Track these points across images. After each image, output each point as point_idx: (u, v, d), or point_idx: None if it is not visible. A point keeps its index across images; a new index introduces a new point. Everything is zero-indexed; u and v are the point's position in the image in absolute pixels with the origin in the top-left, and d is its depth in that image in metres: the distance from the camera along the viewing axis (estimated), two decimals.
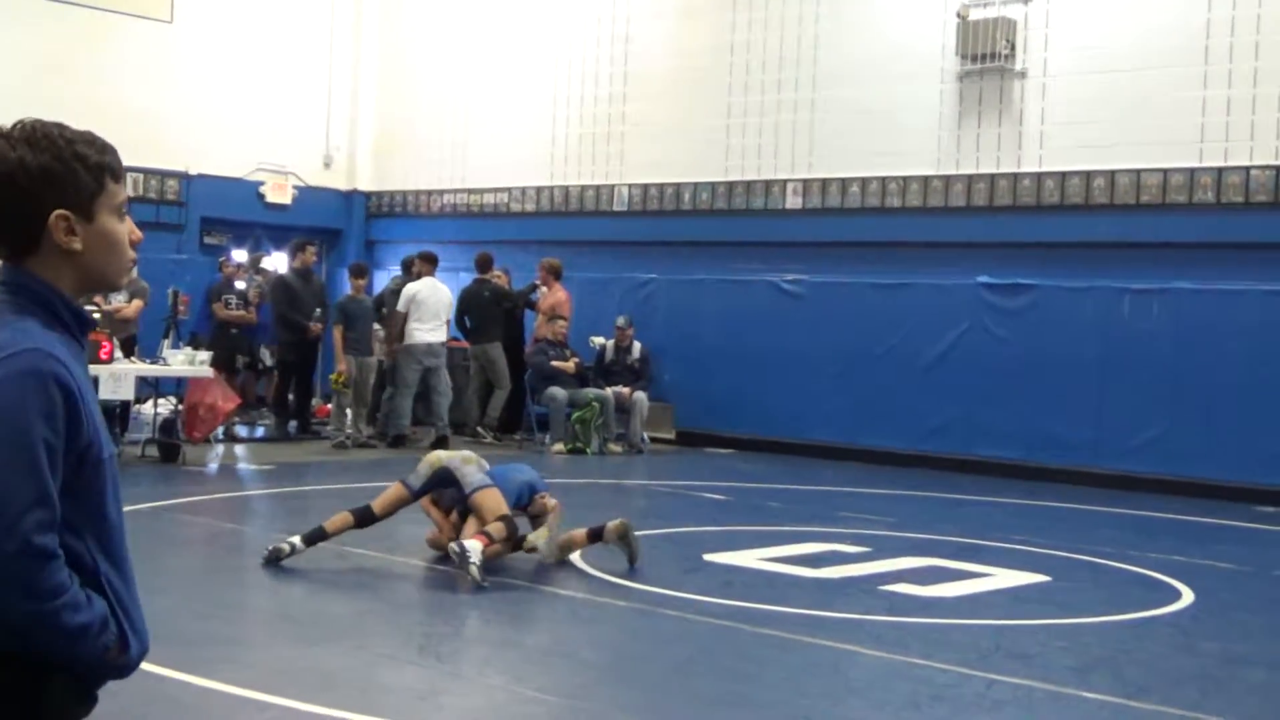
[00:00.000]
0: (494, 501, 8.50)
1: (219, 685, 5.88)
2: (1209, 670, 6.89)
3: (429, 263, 16.46)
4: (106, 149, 2.41)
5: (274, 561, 8.43)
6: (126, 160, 2.68)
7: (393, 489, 8.84)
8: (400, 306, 15.87)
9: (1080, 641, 7.30)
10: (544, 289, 16.88)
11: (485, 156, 19.32)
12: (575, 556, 8.85)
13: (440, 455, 8.93)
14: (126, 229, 2.46)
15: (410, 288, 16.06)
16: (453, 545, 8.22)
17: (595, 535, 8.75)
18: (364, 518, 8.71)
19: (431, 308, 15.94)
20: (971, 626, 7.56)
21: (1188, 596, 8.54)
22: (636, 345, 16.84)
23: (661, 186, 17.64)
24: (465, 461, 8.75)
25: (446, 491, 8.79)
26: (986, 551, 9.89)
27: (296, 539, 8.52)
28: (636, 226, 17.82)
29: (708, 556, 9.23)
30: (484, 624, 7.63)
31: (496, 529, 8.30)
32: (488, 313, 16.55)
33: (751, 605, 7.77)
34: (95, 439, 2.33)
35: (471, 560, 7.90)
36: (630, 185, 17.94)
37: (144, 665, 5.83)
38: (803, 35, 16.41)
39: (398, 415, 15.86)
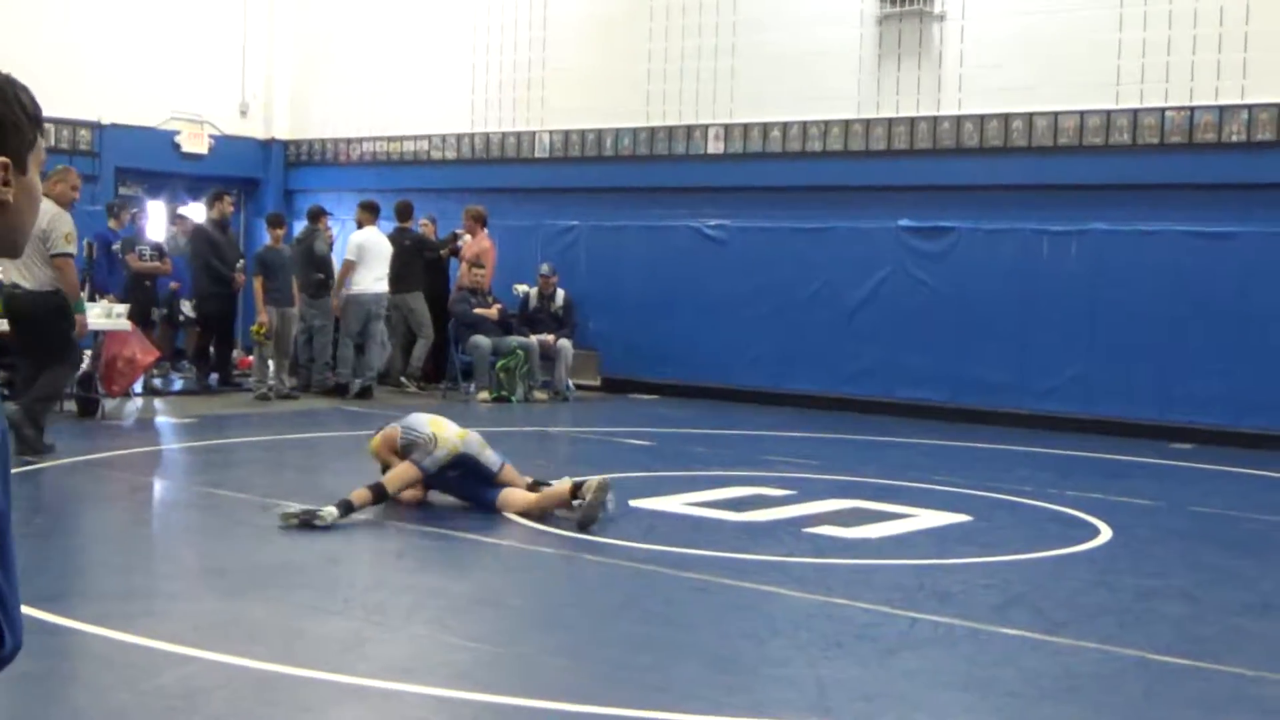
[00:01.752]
0: (515, 473, 8.85)
1: (141, 639, 5.82)
2: (1126, 604, 7.02)
3: (371, 211, 16.35)
4: (36, 102, 2.23)
5: (305, 525, 8.15)
6: None
7: (404, 468, 8.64)
8: (350, 255, 15.84)
9: (1001, 579, 7.41)
10: (467, 237, 16.77)
11: (405, 103, 19.13)
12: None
13: (456, 440, 8.71)
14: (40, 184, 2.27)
15: (356, 237, 16.02)
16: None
17: (576, 490, 8.60)
18: (380, 494, 8.57)
19: (377, 256, 15.90)
20: (894, 567, 7.65)
21: (1105, 533, 8.68)
22: (560, 293, 16.80)
23: (583, 132, 17.55)
24: (482, 446, 8.77)
25: (457, 474, 8.73)
26: (909, 493, 10.00)
27: (332, 509, 8.27)
28: (558, 173, 17.74)
29: (633, 502, 9.24)
30: (409, 573, 7.61)
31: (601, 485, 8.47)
32: (408, 261, 16.44)
33: (676, 550, 7.81)
34: None
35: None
36: (551, 132, 17.84)
37: (67, 620, 5.80)
38: None
39: (348, 365, 15.83)
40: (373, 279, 15.87)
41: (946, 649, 6.05)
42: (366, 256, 15.85)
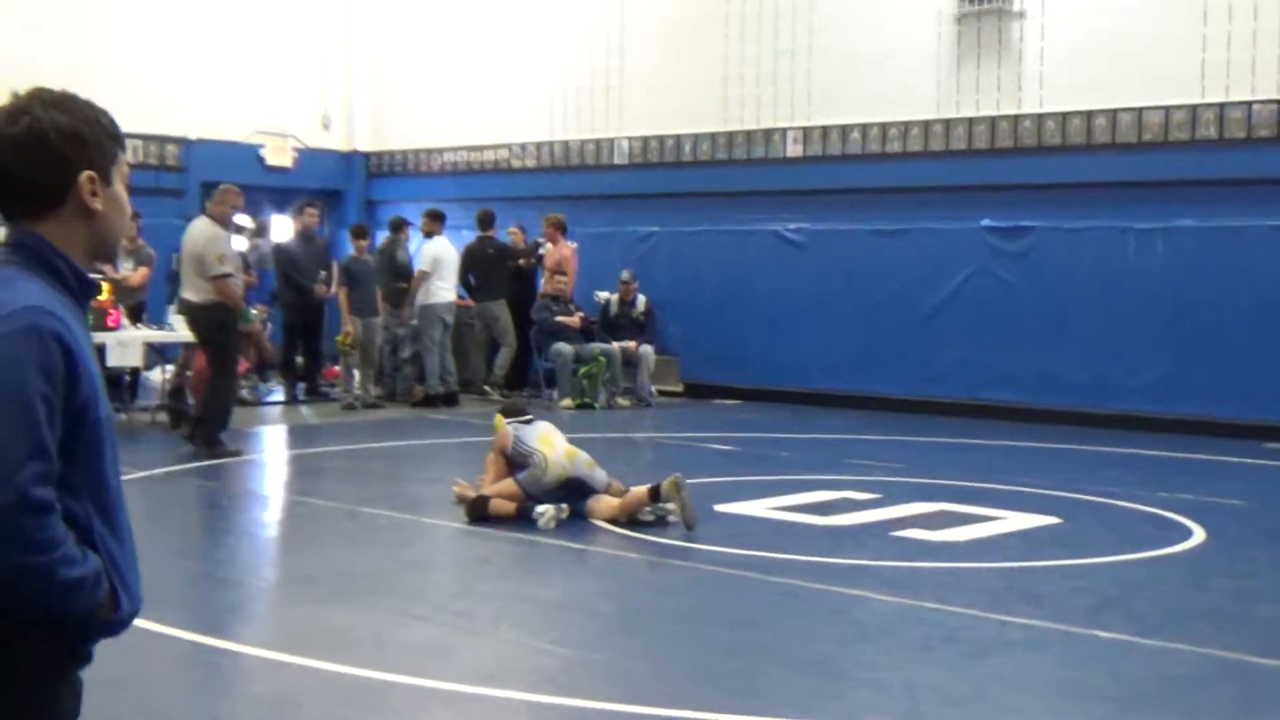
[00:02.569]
0: (619, 486, 8.85)
1: (235, 646, 5.90)
2: (1220, 606, 6.89)
3: (439, 220, 16.45)
4: (114, 121, 2.53)
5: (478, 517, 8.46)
6: (125, 126, 2.75)
7: (510, 489, 8.68)
8: (425, 266, 15.92)
9: (1091, 581, 7.30)
10: (549, 245, 16.81)
11: (484, 113, 19.21)
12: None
13: (565, 463, 8.71)
14: (127, 197, 2.57)
15: (431, 247, 16.09)
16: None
17: (654, 494, 8.62)
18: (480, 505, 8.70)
19: (449, 266, 16.04)
20: (982, 570, 7.56)
21: (1198, 534, 8.52)
22: (641, 299, 16.80)
23: (661, 138, 17.54)
24: (590, 466, 8.79)
25: (561, 492, 8.73)
26: (995, 495, 9.88)
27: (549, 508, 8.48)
28: (637, 179, 17.73)
29: (718, 507, 9.21)
30: (496, 579, 7.64)
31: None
32: (492, 270, 16.54)
33: (762, 554, 7.77)
34: (93, 398, 2.36)
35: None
36: (630, 138, 17.85)
37: (161, 626, 5.86)
38: None
39: (424, 374, 15.93)
40: (447, 288, 15.97)
41: (1037, 652, 5.97)
42: (440, 267, 15.96)
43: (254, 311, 13.19)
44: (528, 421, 9.11)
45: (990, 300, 15.00)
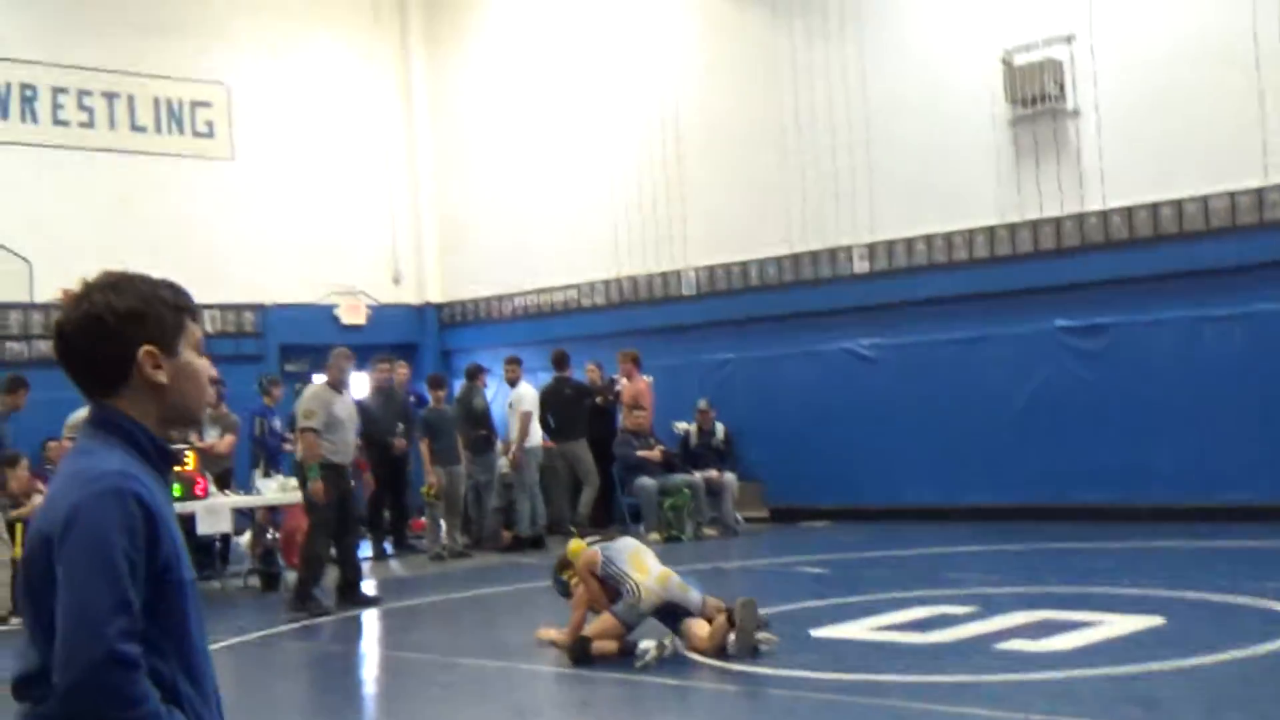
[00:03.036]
0: (715, 605, 8.68)
1: None
2: None
3: (516, 367, 16.65)
4: (182, 292, 2.66)
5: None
6: (201, 297, 2.86)
7: (609, 623, 8.58)
8: (529, 407, 16.10)
9: (1206, 682, 7.09)
10: (624, 380, 16.88)
11: (549, 256, 19.44)
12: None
13: (658, 589, 8.60)
14: (205, 364, 2.67)
15: (528, 390, 16.29)
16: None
17: (730, 620, 8.52)
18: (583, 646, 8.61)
19: (536, 410, 16.23)
20: (1092, 678, 7.36)
21: None
22: (720, 427, 16.78)
23: (727, 266, 17.65)
24: (684, 589, 8.70)
25: (658, 616, 8.69)
26: (1096, 599, 9.66)
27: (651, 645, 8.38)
28: (706, 308, 17.82)
29: (814, 632, 9.09)
30: None
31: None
32: (571, 410, 16.61)
33: (864, 677, 7.63)
34: (175, 560, 2.44)
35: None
36: (696, 268, 17.97)
37: None
38: (850, 100, 16.42)
39: (521, 517, 15.98)
40: (537, 430, 16.17)
41: None
42: (533, 409, 16.16)
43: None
44: (613, 538, 9.08)
45: (1072, 400, 14.83)
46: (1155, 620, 8.72)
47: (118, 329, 2.54)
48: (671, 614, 8.66)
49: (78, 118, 17.86)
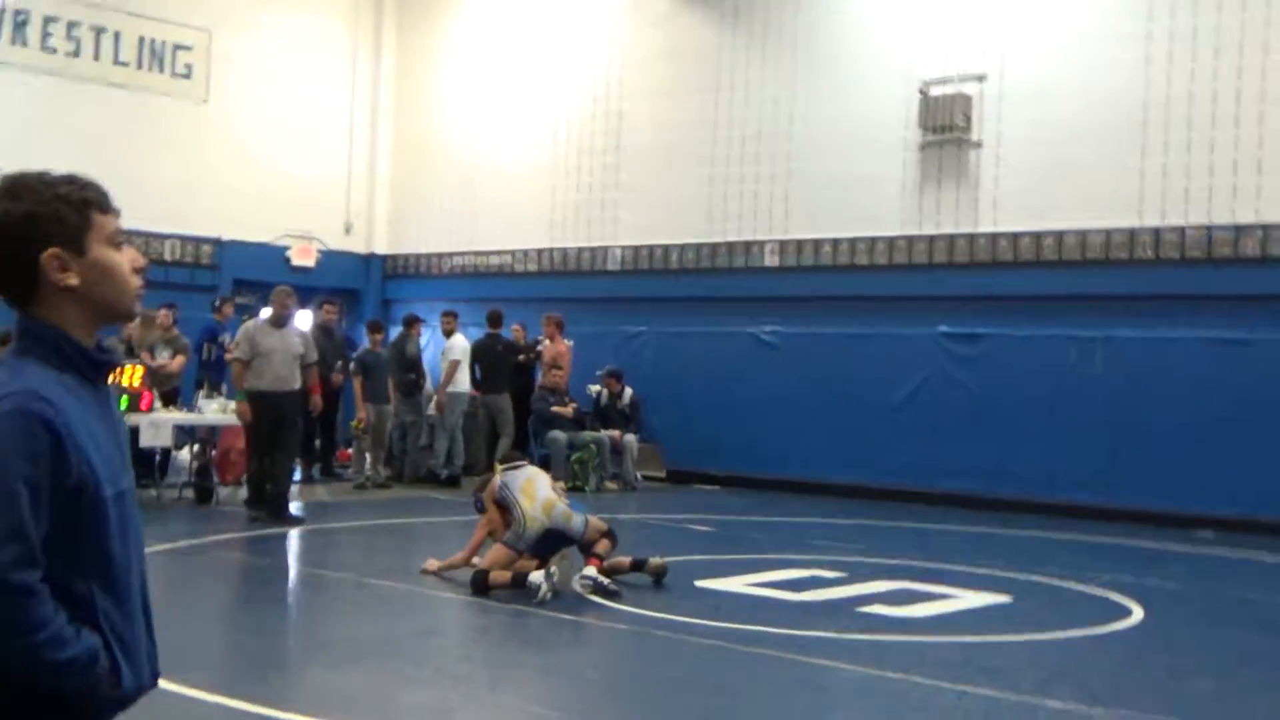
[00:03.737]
0: (596, 526, 8.78)
1: (251, 706, 5.79)
2: (1160, 681, 6.83)
3: (451, 320, 16.54)
4: (88, 185, 2.32)
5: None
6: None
7: (500, 553, 8.63)
8: (458, 356, 16.00)
9: (1042, 656, 7.23)
10: (547, 342, 16.85)
11: (491, 222, 19.34)
12: (577, 584, 8.69)
13: (542, 518, 8.65)
14: (126, 257, 2.34)
15: (460, 342, 16.19)
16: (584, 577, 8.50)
17: (637, 565, 8.94)
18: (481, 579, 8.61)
19: (468, 359, 16.14)
20: (942, 644, 7.48)
21: (1138, 614, 8.47)
22: (628, 392, 16.80)
23: (651, 248, 17.65)
24: (567, 518, 8.72)
25: (546, 541, 8.70)
26: (952, 575, 9.81)
27: (545, 586, 8.32)
28: (628, 284, 17.81)
29: (698, 583, 9.14)
30: (495, 647, 7.54)
31: (605, 547, 8.69)
32: (499, 364, 16.55)
33: (739, 627, 7.69)
34: (90, 479, 2.19)
35: (600, 581, 8.43)
36: (623, 247, 17.95)
37: (186, 689, 5.76)
38: (778, 112, 16.47)
39: (442, 456, 15.92)
40: (465, 379, 16.09)
41: None
42: (466, 360, 16.09)
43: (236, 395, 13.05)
44: (517, 467, 9.11)
45: (947, 399, 15.03)
46: (1003, 598, 8.88)
47: (17, 236, 2.21)
48: (559, 540, 8.71)
49: (65, 47, 17.41)
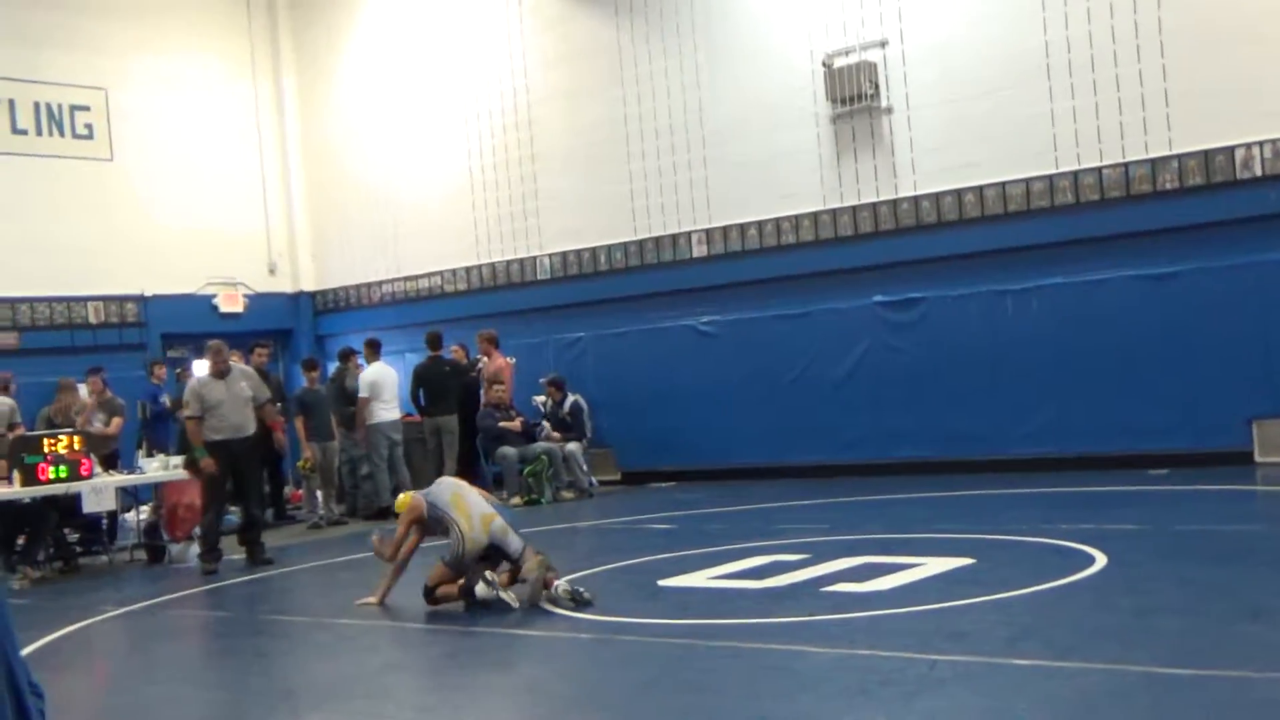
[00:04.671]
0: (531, 550, 8.71)
1: None
2: (1127, 624, 6.81)
3: (374, 349, 16.32)
4: None
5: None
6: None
7: (440, 572, 8.65)
8: (364, 392, 15.73)
9: (1009, 614, 7.19)
10: (485, 359, 16.71)
11: (415, 245, 19.19)
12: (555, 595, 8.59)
13: (481, 536, 8.59)
14: None
15: (366, 374, 15.91)
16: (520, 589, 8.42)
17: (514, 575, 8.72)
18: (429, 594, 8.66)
19: (387, 388, 15.85)
20: (910, 614, 7.43)
21: (1100, 560, 8.46)
22: (570, 398, 16.69)
23: (578, 252, 17.56)
24: (504, 532, 8.66)
25: (488, 560, 8.66)
26: (914, 544, 9.79)
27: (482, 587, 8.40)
28: (560, 291, 17.72)
29: (662, 582, 9.06)
30: (458, 671, 7.41)
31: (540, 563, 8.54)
32: (444, 386, 16.35)
33: (706, 621, 7.61)
34: None
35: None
36: (550, 255, 17.85)
37: None
38: (687, 102, 16.43)
39: (378, 489, 15.70)
40: (387, 408, 15.79)
41: (966, 685, 5.84)
42: (379, 390, 15.79)
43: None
44: (431, 482, 9.11)
45: (889, 368, 15.04)
46: (966, 560, 8.85)
47: None
48: (497, 555, 8.66)
49: None
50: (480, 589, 8.41)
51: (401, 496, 9.36)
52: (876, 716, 5.44)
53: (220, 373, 12.36)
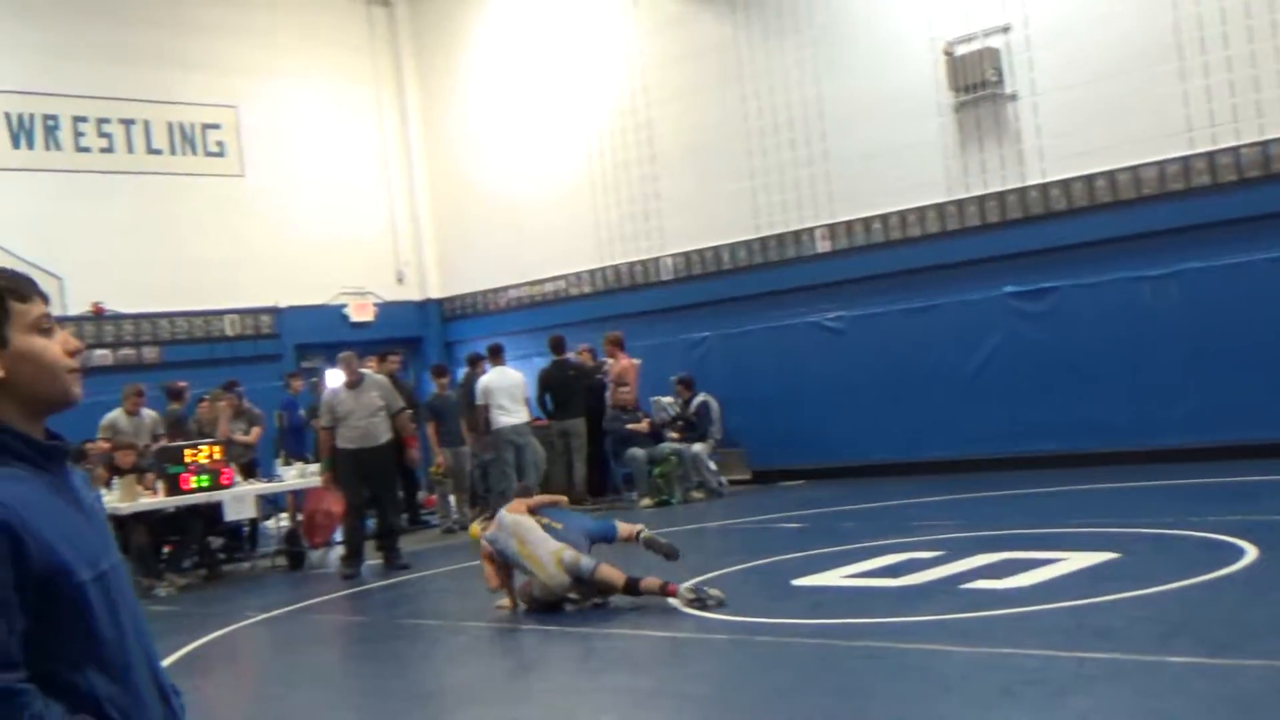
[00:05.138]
0: (608, 565, 8.76)
1: None
2: None
3: (493, 355, 16.39)
4: (10, 275, 2.26)
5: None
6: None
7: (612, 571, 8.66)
8: (479, 400, 15.79)
9: (1158, 609, 6.94)
10: (610, 361, 16.71)
11: (540, 249, 19.27)
12: (675, 600, 8.52)
13: (559, 576, 8.61)
14: (56, 341, 2.26)
15: (481, 381, 15.95)
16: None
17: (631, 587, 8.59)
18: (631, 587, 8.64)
19: (506, 392, 15.83)
20: (1052, 611, 7.21)
21: (1251, 553, 8.13)
22: (698, 399, 16.54)
23: (700, 251, 17.48)
24: (575, 562, 8.65)
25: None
26: (1053, 539, 9.52)
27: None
28: (683, 291, 17.65)
29: (795, 582, 8.94)
30: (592, 674, 7.39)
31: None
32: (570, 390, 16.37)
33: (841, 621, 7.49)
34: (61, 568, 2.10)
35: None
36: (672, 255, 17.80)
37: None
38: (805, 95, 16.25)
39: (505, 494, 15.76)
40: (506, 414, 15.70)
41: (1116, 685, 5.64)
42: (492, 396, 15.70)
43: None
44: (489, 518, 9.23)
45: (1022, 359, 14.69)
46: (1110, 555, 8.57)
47: None
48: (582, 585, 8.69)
49: (98, 144, 17.64)
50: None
51: (472, 527, 9.37)
52: (1023, 717, 5.27)
53: (352, 383, 12.53)
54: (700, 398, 16.53)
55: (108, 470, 13.02)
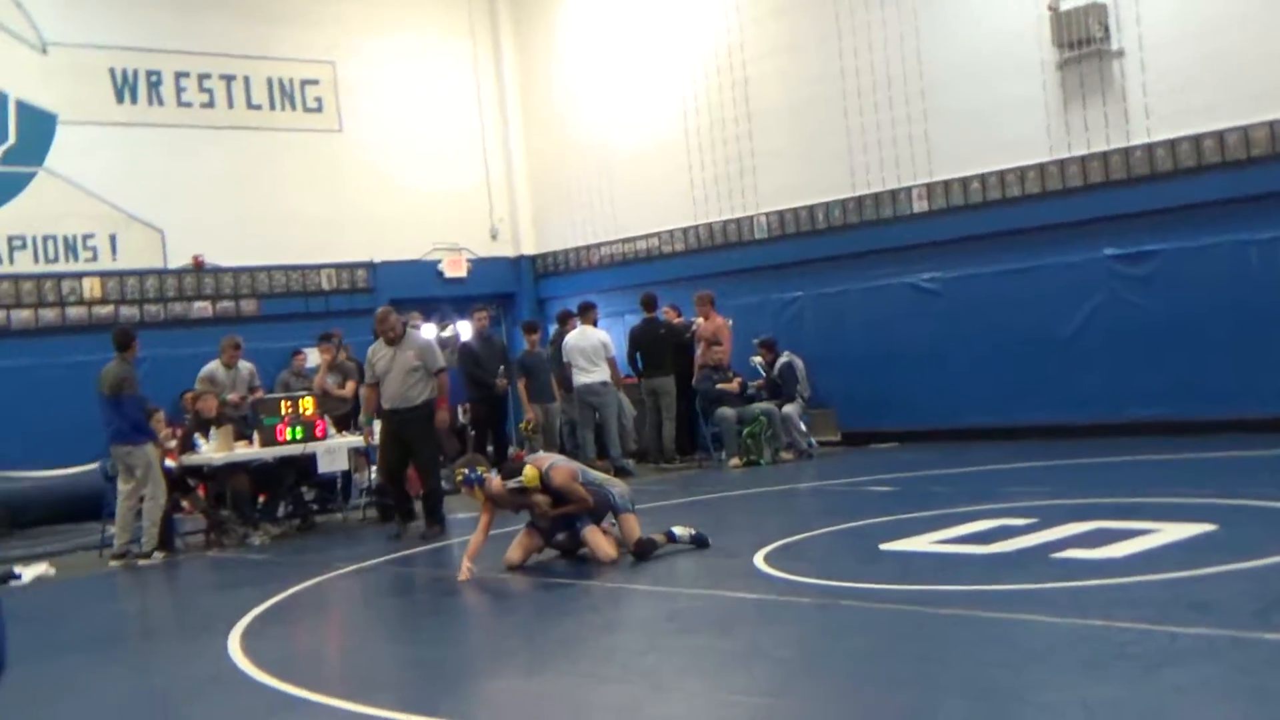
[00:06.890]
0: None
1: None
2: None
3: (583, 312, 16.41)
4: None
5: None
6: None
7: (629, 523, 9.49)
8: (566, 358, 15.89)
9: (1257, 584, 6.74)
10: (701, 319, 16.63)
11: (633, 207, 19.21)
12: (759, 559, 8.49)
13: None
14: None
15: (566, 340, 16.05)
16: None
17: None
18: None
19: (584, 352, 15.87)
20: (1146, 583, 7.03)
21: None
22: (781, 360, 16.40)
23: (795, 210, 17.30)
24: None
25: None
26: (1150, 509, 9.30)
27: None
28: (777, 250, 17.50)
29: (883, 546, 8.83)
30: (677, 635, 7.35)
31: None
32: (660, 348, 16.37)
33: (930, 587, 7.37)
34: None
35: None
36: (766, 214, 17.64)
37: (376, 709, 5.70)
38: (905, 51, 15.96)
39: (582, 448, 15.85)
40: (583, 373, 15.76)
41: (1212, 661, 5.47)
42: (573, 355, 15.83)
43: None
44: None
45: (1122, 323, 14.37)
46: (1208, 527, 8.35)
47: None
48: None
49: (199, 99, 17.86)
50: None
51: (529, 470, 9.43)
52: (1115, 691, 5.14)
53: (391, 340, 12.26)
54: (784, 358, 16.38)
55: (195, 420, 13.24)
